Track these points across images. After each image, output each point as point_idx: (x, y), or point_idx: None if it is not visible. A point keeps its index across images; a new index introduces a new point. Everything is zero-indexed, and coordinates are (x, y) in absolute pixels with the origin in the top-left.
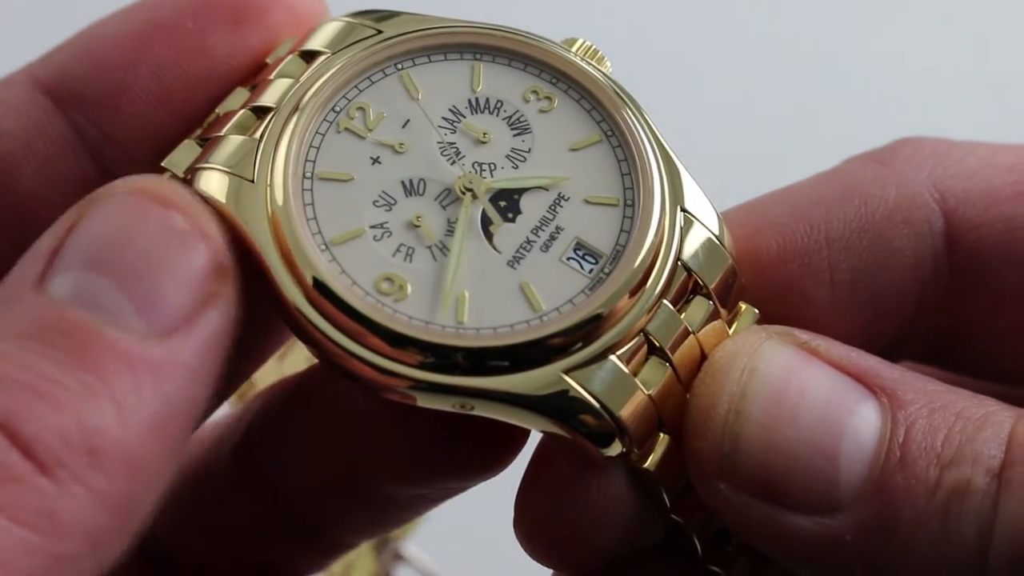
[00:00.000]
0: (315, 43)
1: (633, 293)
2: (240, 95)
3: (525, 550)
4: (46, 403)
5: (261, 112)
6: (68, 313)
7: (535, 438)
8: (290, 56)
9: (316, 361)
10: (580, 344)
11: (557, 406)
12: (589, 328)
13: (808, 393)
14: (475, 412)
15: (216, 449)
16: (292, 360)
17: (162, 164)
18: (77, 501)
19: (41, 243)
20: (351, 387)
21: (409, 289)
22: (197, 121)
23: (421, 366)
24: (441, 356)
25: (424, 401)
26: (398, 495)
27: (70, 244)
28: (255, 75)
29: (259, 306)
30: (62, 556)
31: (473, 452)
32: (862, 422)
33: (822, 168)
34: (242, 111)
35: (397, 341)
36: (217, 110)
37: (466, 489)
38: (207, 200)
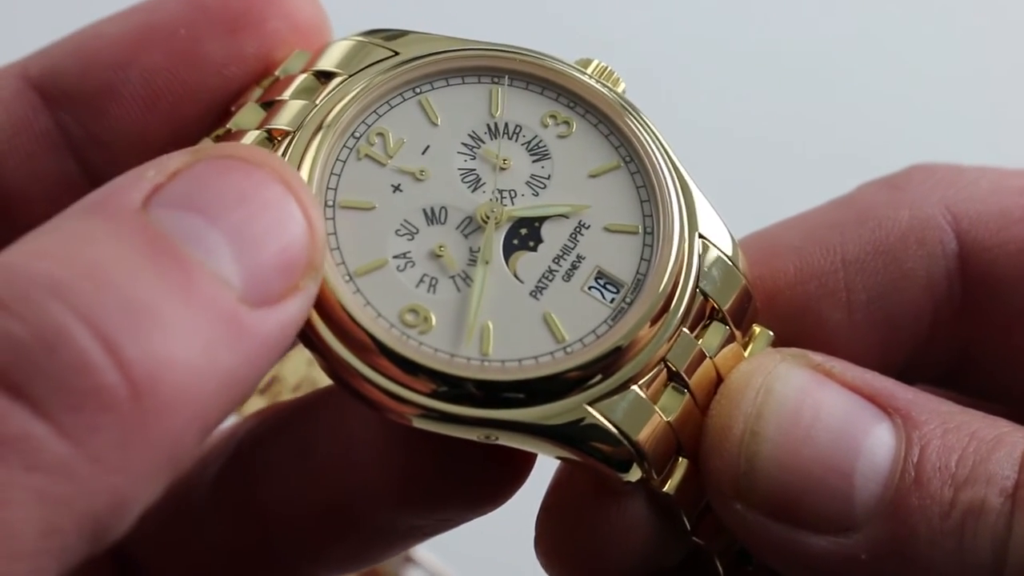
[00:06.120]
0: (328, 63)
1: (654, 323)
2: (253, 112)
3: (545, 570)
4: (152, 326)
5: (277, 134)
6: (178, 245)
7: (542, 464)
8: (303, 75)
9: None
10: (600, 377)
11: (574, 434)
12: (608, 361)
13: (823, 413)
14: (499, 442)
15: (201, 466)
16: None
17: None
18: (150, 436)
19: (144, 173)
20: (352, 405)
21: (434, 321)
22: (190, 129)
23: (434, 395)
24: (454, 386)
25: (431, 427)
26: (393, 525)
27: (181, 185)
28: (260, 85)
29: None
30: (118, 494)
31: (476, 482)
32: (877, 442)
33: (837, 191)
34: (257, 132)
35: (411, 369)
36: (229, 125)
37: (463, 523)
38: None
